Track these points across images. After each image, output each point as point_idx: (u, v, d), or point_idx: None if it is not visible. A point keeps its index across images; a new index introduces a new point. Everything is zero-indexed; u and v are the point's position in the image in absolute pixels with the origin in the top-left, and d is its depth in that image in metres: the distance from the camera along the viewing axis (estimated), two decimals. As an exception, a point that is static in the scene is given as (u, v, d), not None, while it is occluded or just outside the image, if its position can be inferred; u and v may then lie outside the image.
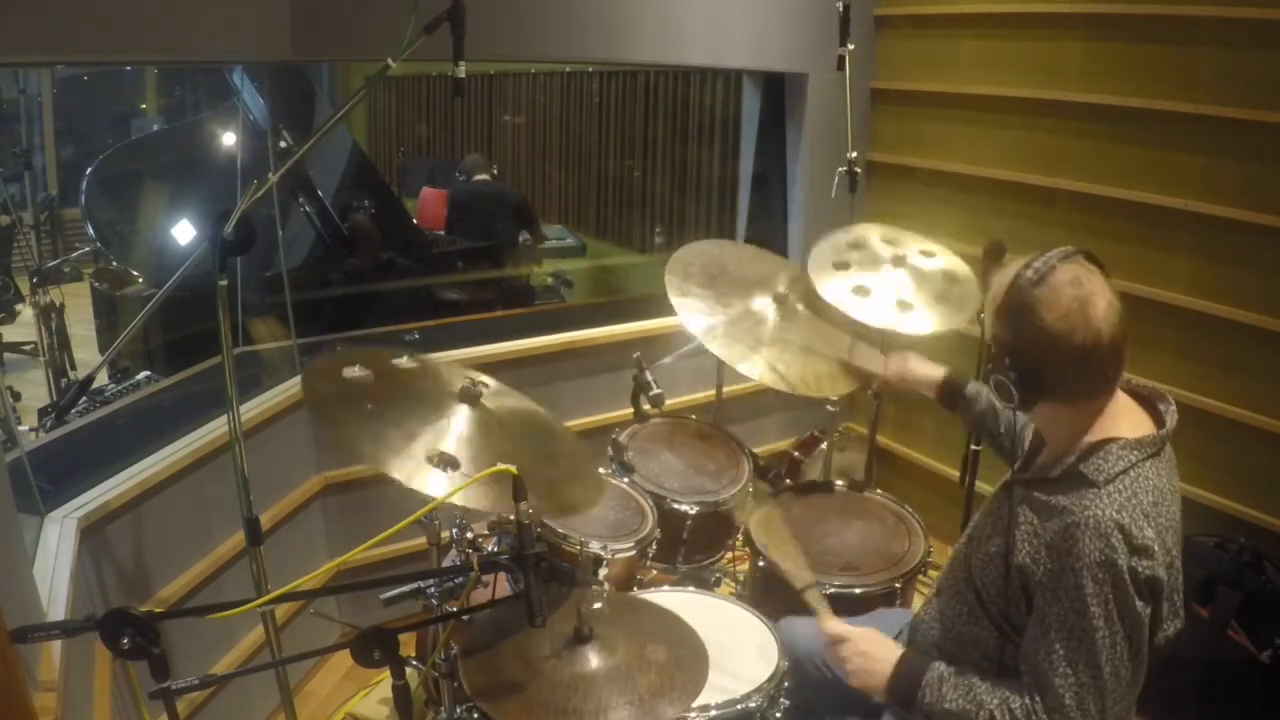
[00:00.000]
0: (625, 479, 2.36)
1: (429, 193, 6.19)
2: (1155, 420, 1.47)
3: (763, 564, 2.18)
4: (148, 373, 3.31)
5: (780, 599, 2.07)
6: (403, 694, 1.45)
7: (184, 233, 4.03)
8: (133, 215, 4.23)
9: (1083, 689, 1.33)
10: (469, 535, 1.93)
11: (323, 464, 2.74)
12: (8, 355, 4.57)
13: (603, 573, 2.00)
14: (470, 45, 1.79)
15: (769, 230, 3.73)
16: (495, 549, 1.98)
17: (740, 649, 1.81)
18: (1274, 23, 2.36)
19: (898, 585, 2.12)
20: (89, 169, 4.26)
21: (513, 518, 1.36)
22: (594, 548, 2.01)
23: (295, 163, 1.95)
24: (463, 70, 1.80)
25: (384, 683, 2.62)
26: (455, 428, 1.62)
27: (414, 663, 2.04)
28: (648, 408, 2.47)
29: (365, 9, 2.37)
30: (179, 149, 4.48)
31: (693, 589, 2.09)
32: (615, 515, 2.25)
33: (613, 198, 6.48)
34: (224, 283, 1.68)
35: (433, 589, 1.76)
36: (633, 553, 2.13)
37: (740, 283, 2.51)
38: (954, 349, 2.51)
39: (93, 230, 4.23)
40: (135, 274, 4.10)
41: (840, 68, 2.74)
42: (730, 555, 2.51)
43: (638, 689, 1.43)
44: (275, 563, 2.00)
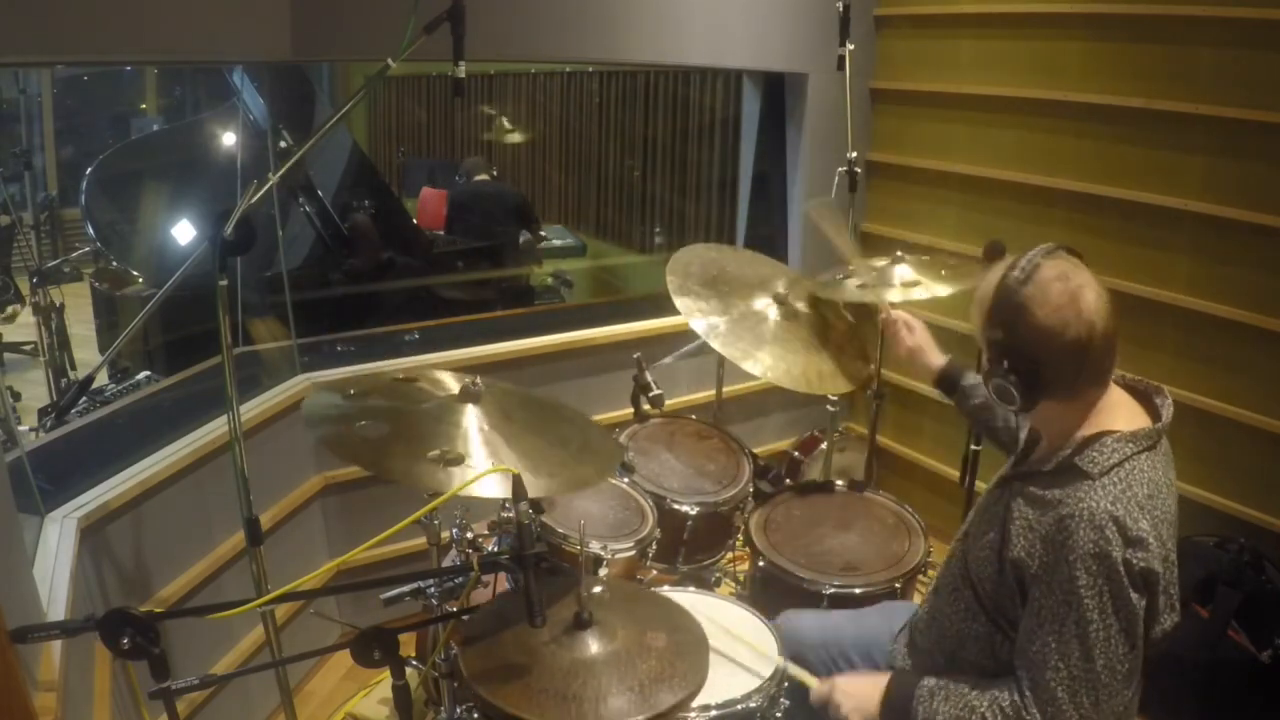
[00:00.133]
0: (625, 479, 2.36)
1: (429, 193, 6.18)
2: (1151, 414, 1.48)
3: (763, 564, 2.19)
4: (148, 373, 3.30)
5: (780, 599, 2.07)
6: (403, 694, 1.45)
7: (184, 233, 4.02)
8: (133, 215, 4.22)
9: (1075, 681, 1.33)
10: (469, 535, 1.93)
11: (323, 464, 2.74)
12: (8, 355, 4.56)
13: (603, 573, 2.00)
14: (470, 45, 1.79)
15: (769, 230, 3.74)
16: (495, 549, 1.98)
17: (740, 649, 1.81)
18: (1274, 23, 2.36)
19: (898, 585, 2.12)
20: (89, 169, 4.25)
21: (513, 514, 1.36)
22: (594, 548, 2.01)
23: (295, 163, 1.95)
24: (463, 70, 1.80)
25: (384, 683, 2.62)
26: (466, 428, 1.62)
27: (414, 663, 2.04)
28: (648, 408, 2.47)
29: (365, 9, 2.37)
30: (179, 149, 4.47)
31: (693, 589, 2.09)
32: (615, 515, 2.25)
33: (613, 198, 6.48)
34: (224, 283, 1.68)
35: (433, 589, 1.76)
36: (633, 553, 2.13)
37: (740, 284, 2.52)
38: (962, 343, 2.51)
39: (93, 230, 4.22)
40: (135, 274, 4.09)
41: (840, 68, 2.74)
42: (730, 555, 2.52)
43: (638, 675, 1.42)
44: (275, 563, 2.00)
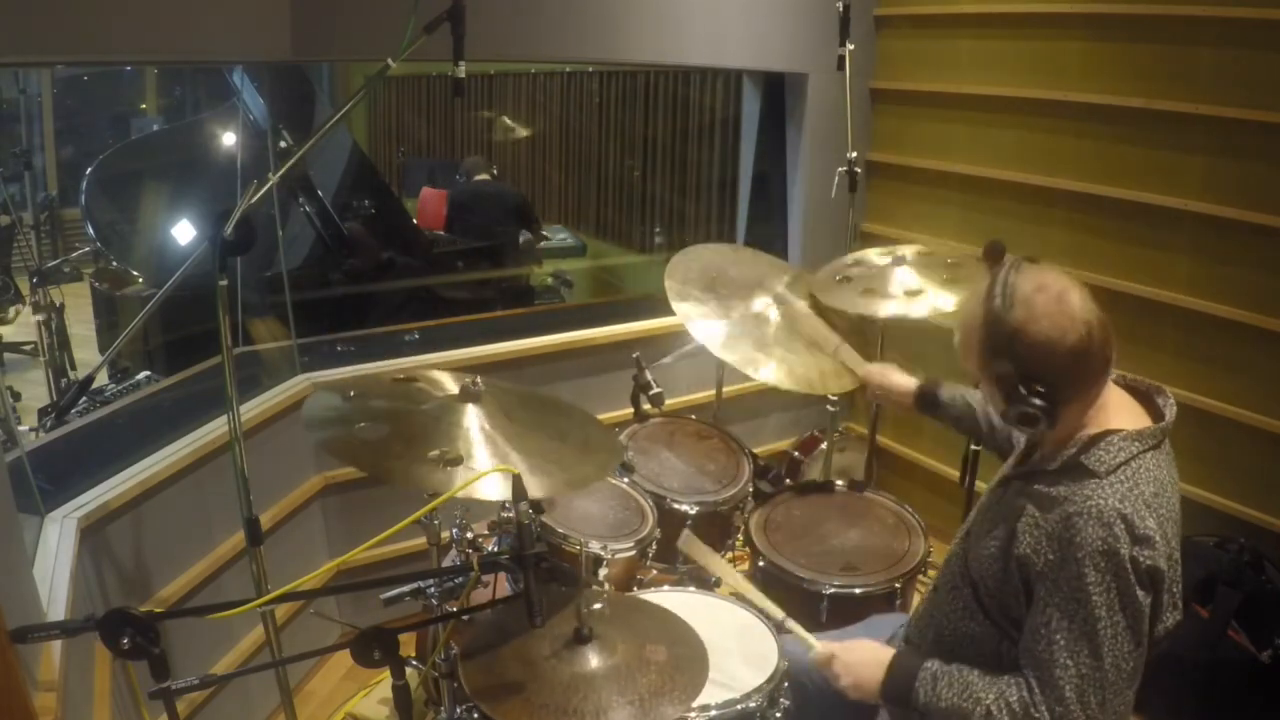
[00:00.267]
0: (625, 479, 2.36)
1: (429, 193, 6.18)
2: (1152, 414, 1.48)
3: (763, 564, 2.19)
4: (148, 373, 3.30)
5: (780, 599, 2.07)
6: (403, 694, 1.45)
7: (184, 233, 4.02)
8: (133, 215, 4.22)
9: (1084, 680, 1.33)
10: (469, 535, 1.93)
11: (322, 464, 2.74)
12: (8, 355, 4.56)
13: (603, 573, 2.00)
14: (470, 45, 1.79)
15: (769, 230, 3.73)
16: (495, 549, 1.98)
17: (740, 649, 1.81)
18: (1274, 23, 2.36)
19: (898, 585, 2.12)
20: (89, 169, 4.25)
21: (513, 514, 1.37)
22: (594, 548, 2.01)
23: (295, 163, 1.95)
24: (463, 70, 1.80)
25: (384, 683, 2.62)
26: (466, 428, 1.62)
27: (414, 663, 2.04)
28: (648, 408, 2.47)
29: (365, 9, 2.37)
30: (179, 149, 4.47)
31: (693, 589, 2.09)
32: (615, 515, 2.25)
33: (613, 198, 6.47)
34: (224, 283, 1.68)
35: (433, 589, 1.76)
36: (633, 553, 2.13)
37: (740, 285, 2.52)
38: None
39: (93, 230, 4.22)
40: (135, 274, 4.09)
41: (840, 68, 2.75)
42: (730, 555, 2.51)
43: (638, 689, 1.42)
44: (275, 563, 2.00)
